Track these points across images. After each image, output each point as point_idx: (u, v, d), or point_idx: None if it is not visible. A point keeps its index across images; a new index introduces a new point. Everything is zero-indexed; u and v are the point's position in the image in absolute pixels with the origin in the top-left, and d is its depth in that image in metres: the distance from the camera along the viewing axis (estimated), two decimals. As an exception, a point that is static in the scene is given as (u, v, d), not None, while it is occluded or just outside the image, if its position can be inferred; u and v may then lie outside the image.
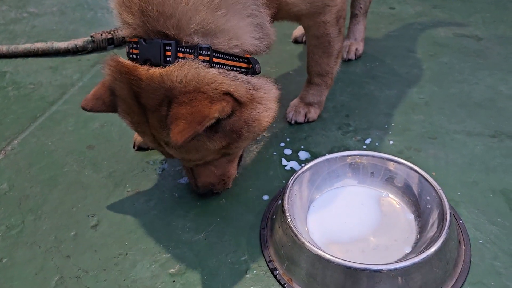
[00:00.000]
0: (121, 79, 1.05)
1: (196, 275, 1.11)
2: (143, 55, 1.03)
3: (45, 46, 2.28)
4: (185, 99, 0.98)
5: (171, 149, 1.12)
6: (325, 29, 1.44)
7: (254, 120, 1.11)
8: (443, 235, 1.02)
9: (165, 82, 0.99)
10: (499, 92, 1.75)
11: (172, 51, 1.00)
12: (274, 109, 1.16)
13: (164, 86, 0.99)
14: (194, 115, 0.96)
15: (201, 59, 1.01)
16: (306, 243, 1.03)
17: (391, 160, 1.27)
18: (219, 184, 1.30)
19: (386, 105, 1.72)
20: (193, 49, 1.01)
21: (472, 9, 2.52)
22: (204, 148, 1.11)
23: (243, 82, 1.08)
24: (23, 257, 1.19)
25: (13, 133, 1.71)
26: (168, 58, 1.01)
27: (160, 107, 1.02)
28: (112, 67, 1.07)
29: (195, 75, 0.99)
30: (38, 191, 1.41)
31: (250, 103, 1.09)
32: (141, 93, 1.02)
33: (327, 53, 1.52)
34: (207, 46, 1.02)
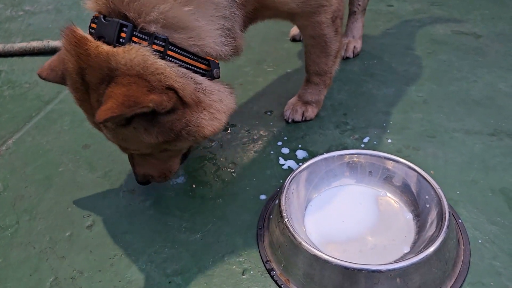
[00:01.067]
0: (71, 51, 1.02)
1: (193, 275, 1.10)
2: (99, 31, 1.01)
3: (41, 45, 2.27)
4: (124, 81, 0.96)
5: (108, 132, 1.10)
6: (320, 30, 1.41)
7: (195, 125, 1.08)
8: (442, 234, 1.01)
9: (111, 61, 0.97)
10: (498, 90, 1.74)
11: (127, 33, 0.98)
12: (221, 120, 1.12)
13: (109, 65, 0.97)
14: (126, 97, 0.94)
15: (154, 48, 0.99)
16: (303, 243, 1.02)
17: (389, 159, 1.25)
18: (158, 176, 1.27)
19: (384, 103, 1.71)
20: (148, 36, 0.99)
21: (471, 6, 2.50)
22: (140, 140, 1.08)
23: (192, 83, 1.05)
24: (17, 258, 1.18)
25: (8, 132, 1.69)
26: (122, 40, 0.99)
27: (100, 85, 1.00)
28: (65, 37, 1.04)
29: (141, 61, 0.97)
30: (33, 191, 1.40)
31: (195, 105, 1.06)
32: (86, 68, 1.00)
33: (325, 53, 1.50)
34: (163, 37, 1.00)
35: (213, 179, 1.40)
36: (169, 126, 1.05)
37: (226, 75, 1.96)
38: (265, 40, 2.27)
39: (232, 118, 1.65)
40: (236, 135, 1.59)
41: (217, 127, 1.12)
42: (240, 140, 1.56)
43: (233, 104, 1.16)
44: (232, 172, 1.42)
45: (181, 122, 1.06)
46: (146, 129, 1.05)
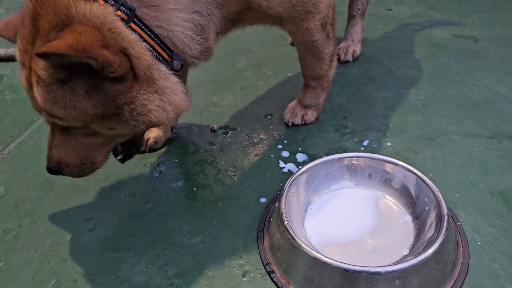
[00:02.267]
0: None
1: (193, 278, 1.11)
2: None
3: (42, 49, 2.27)
4: (79, 29, 0.90)
5: (40, 90, 0.98)
6: (310, 36, 1.39)
7: (141, 105, 0.99)
8: (441, 237, 1.02)
9: (70, 8, 0.92)
10: (496, 93, 1.75)
11: None
12: (168, 114, 1.03)
13: (67, 12, 0.92)
14: (77, 42, 0.86)
15: (118, 14, 0.95)
16: (303, 246, 1.03)
17: (388, 162, 1.26)
18: (75, 166, 1.12)
19: (384, 106, 1.72)
20: (115, 1, 0.95)
21: (469, 10, 2.52)
22: (74, 105, 0.97)
23: (149, 57, 0.98)
24: (19, 261, 1.19)
25: (10, 136, 1.70)
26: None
27: (52, 30, 0.93)
28: None
29: (101, 15, 0.92)
30: (34, 195, 1.41)
31: (146, 83, 0.99)
32: (41, 13, 0.93)
33: (318, 58, 1.49)
34: (130, 6, 0.96)
35: (214, 182, 1.41)
36: (112, 96, 0.97)
37: (227, 79, 1.98)
38: (264, 44, 2.28)
39: (233, 121, 1.67)
40: (236, 139, 1.60)
41: (164, 118, 1.03)
42: (240, 144, 1.57)
43: (185, 105, 1.08)
44: (233, 175, 1.43)
45: (126, 96, 0.97)
46: (86, 93, 0.96)
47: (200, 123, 1.69)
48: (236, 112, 1.73)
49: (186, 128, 1.65)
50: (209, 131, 1.64)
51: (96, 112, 0.98)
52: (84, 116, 0.99)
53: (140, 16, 0.98)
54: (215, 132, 1.63)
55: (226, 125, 1.67)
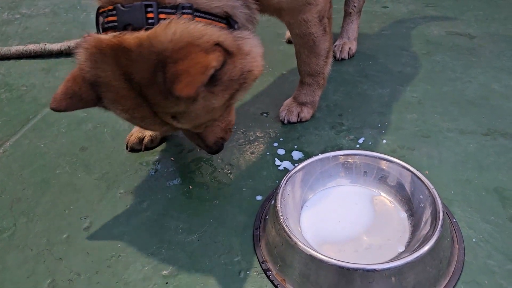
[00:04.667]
0: (105, 60, 0.97)
1: (189, 276, 1.11)
2: (123, 20, 0.97)
3: (38, 48, 2.27)
4: (179, 55, 0.93)
5: (180, 122, 1.09)
6: (307, 28, 1.41)
7: (248, 70, 1.08)
8: (436, 233, 1.02)
9: (154, 45, 0.93)
10: (492, 90, 1.76)
11: (154, 12, 0.96)
12: (261, 61, 1.12)
13: (154, 50, 0.93)
14: (194, 67, 0.91)
15: (185, 18, 0.97)
16: (299, 243, 1.03)
17: (383, 159, 1.26)
18: (226, 134, 1.30)
19: (379, 104, 1.72)
20: (175, 8, 0.98)
21: (465, 7, 2.52)
22: (212, 107, 1.08)
23: (229, 33, 1.05)
24: (14, 260, 1.19)
25: (5, 135, 1.70)
26: (151, 20, 0.96)
27: (155, 75, 0.95)
28: (89, 50, 0.98)
29: (185, 30, 0.95)
30: (30, 194, 1.40)
31: (239, 53, 1.05)
32: (132, 66, 0.96)
33: (315, 53, 1.50)
34: (189, 5, 0.99)
35: (210, 180, 1.41)
36: (228, 79, 1.04)
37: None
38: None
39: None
40: (232, 137, 1.60)
41: (262, 67, 1.12)
42: (236, 142, 1.57)
43: (261, 46, 1.15)
44: (229, 173, 1.43)
45: (235, 70, 1.05)
46: (212, 93, 1.04)
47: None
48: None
49: (182, 127, 1.65)
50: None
51: (226, 98, 1.08)
52: (220, 108, 1.12)
53: (198, 8, 1.01)
54: None
55: (222, 123, 1.66)
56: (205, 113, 1.10)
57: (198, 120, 1.12)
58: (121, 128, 1.68)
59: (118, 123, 1.71)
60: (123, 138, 1.60)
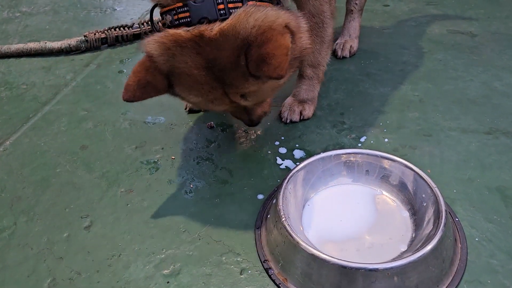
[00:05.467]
0: (185, 52, 1.08)
1: (191, 276, 1.10)
2: (197, 14, 1.07)
3: (38, 46, 2.26)
4: (263, 39, 1.04)
5: (247, 100, 1.20)
6: (320, 5, 1.46)
7: (305, 47, 1.19)
8: (439, 233, 1.02)
9: (239, 31, 1.05)
10: (493, 88, 1.75)
11: (225, 4, 1.07)
12: (308, 37, 1.22)
13: (239, 36, 1.05)
14: (279, 48, 1.03)
15: (250, 4, 1.08)
16: (301, 243, 1.03)
17: (386, 158, 1.26)
18: (268, 109, 1.41)
19: (381, 102, 1.71)
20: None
21: (466, 6, 2.51)
22: (278, 85, 1.22)
23: (289, 15, 1.14)
24: (15, 259, 1.18)
25: (5, 133, 1.69)
26: (222, 11, 1.07)
27: (238, 59, 1.07)
28: (167, 44, 1.08)
29: (264, 17, 1.06)
30: (30, 192, 1.40)
31: (298, 32, 1.16)
32: (217, 53, 1.07)
33: (320, 37, 1.53)
34: None
35: (211, 179, 1.40)
36: (293, 57, 1.15)
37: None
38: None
39: (229, 118, 1.66)
40: (233, 135, 1.59)
41: (311, 41, 1.26)
42: (237, 140, 1.56)
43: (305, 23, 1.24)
44: (230, 172, 1.42)
45: (297, 48, 1.16)
46: None
47: (197, 120, 1.69)
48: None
49: (183, 125, 1.65)
50: (206, 128, 1.63)
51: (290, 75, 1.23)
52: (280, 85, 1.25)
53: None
54: (212, 128, 1.63)
55: (223, 122, 1.66)
56: (271, 91, 1.25)
57: (263, 97, 1.26)
58: (121, 127, 1.67)
59: (118, 121, 1.71)
60: (124, 136, 1.61)
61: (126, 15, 2.75)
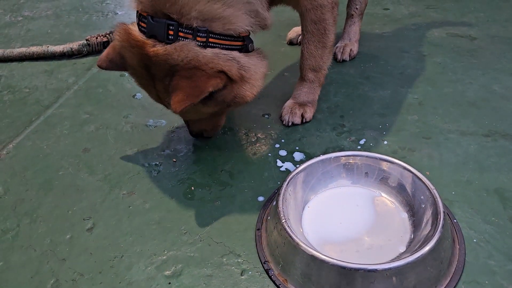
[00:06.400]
0: (131, 50, 1.23)
1: (192, 277, 1.12)
2: (150, 31, 1.19)
3: (40, 50, 2.28)
4: (186, 74, 1.17)
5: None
6: (321, 13, 1.49)
7: (241, 96, 1.31)
8: (437, 234, 1.03)
9: (168, 60, 1.17)
10: (492, 91, 1.76)
11: (174, 31, 1.17)
12: (259, 86, 1.34)
13: (168, 63, 1.17)
14: (192, 88, 1.15)
15: (199, 40, 1.18)
16: (301, 244, 1.04)
17: (385, 160, 1.27)
18: (211, 130, 1.53)
19: (380, 105, 1.73)
20: (192, 30, 1.17)
21: (466, 9, 2.53)
22: (200, 112, 1.33)
23: (235, 63, 1.25)
24: (18, 261, 1.19)
25: (8, 137, 1.71)
26: (171, 37, 1.17)
27: (165, 77, 1.20)
28: (121, 36, 1.25)
29: (195, 56, 1.17)
30: (33, 195, 1.41)
31: (240, 81, 1.27)
32: (151, 65, 1.21)
33: (322, 43, 1.55)
34: (204, 29, 1.18)
35: (212, 181, 1.41)
36: (222, 100, 1.28)
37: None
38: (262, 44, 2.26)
39: (230, 121, 1.68)
40: (234, 138, 1.61)
41: (256, 92, 1.34)
42: (238, 143, 1.58)
43: (266, 68, 1.37)
44: (230, 175, 1.44)
45: (230, 95, 1.29)
46: (204, 104, 1.27)
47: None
48: (233, 112, 1.73)
49: (184, 128, 1.66)
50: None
51: (215, 110, 1.34)
52: (209, 113, 1.36)
53: (212, 30, 1.20)
54: None
55: (224, 125, 1.67)
56: (194, 113, 1.37)
57: (186, 115, 1.42)
58: (123, 130, 1.69)
59: (120, 124, 1.72)
60: (125, 139, 1.62)
61: (127, 19, 2.76)
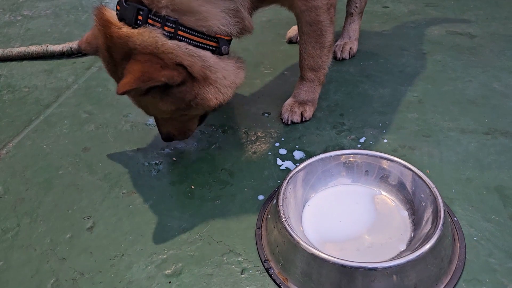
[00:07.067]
0: (100, 30, 1.20)
1: (192, 276, 1.12)
2: (121, 14, 1.18)
3: (40, 49, 2.28)
4: (141, 58, 1.13)
5: (132, 99, 1.30)
6: (316, 15, 1.47)
7: (202, 98, 1.25)
8: (437, 232, 1.03)
9: (128, 42, 1.14)
10: (492, 89, 1.76)
11: (144, 16, 1.15)
12: (226, 94, 1.28)
13: (127, 46, 1.15)
14: (142, 73, 1.10)
15: (166, 30, 1.15)
16: (301, 242, 1.04)
17: (385, 159, 1.27)
18: (179, 134, 1.45)
19: (380, 103, 1.72)
20: (161, 19, 1.14)
21: (465, 7, 2.53)
22: (158, 106, 1.26)
23: (200, 61, 1.20)
24: (18, 260, 1.19)
25: (8, 136, 1.71)
26: (139, 22, 1.15)
27: (123, 61, 1.17)
28: (96, 17, 1.22)
29: (153, 42, 1.13)
30: (33, 194, 1.41)
31: (202, 80, 1.22)
32: (112, 47, 1.18)
33: (320, 44, 1.54)
34: (174, 19, 1.15)
35: (212, 180, 1.41)
36: (180, 96, 1.23)
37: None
38: (262, 43, 2.29)
39: (230, 119, 1.68)
40: (234, 137, 1.61)
41: (222, 100, 1.29)
42: (238, 142, 1.58)
43: (239, 79, 1.32)
44: (230, 173, 1.44)
45: (190, 94, 1.23)
46: (161, 98, 1.23)
47: (197, 122, 1.70)
48: (233, 111, 1.73)
49: (183, 127, 1.66)
50: (206, 129, 1.64)
51: (172, 108, 1.27)
52: (167, 111, 1.28)
53: (183, 23, 1.17)
54: None
55: (224, 123, 1.67)
56: (152, 109, 1.31)
57: (145, 109, 1.34)
58: (123, 129, 1.69)
59: (120, 123, 1.72)
60: (125, 138, 1.62)
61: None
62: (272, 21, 2.53)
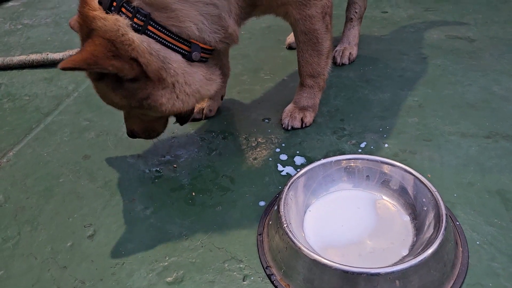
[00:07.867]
0: (78, 9, 1.18)
1: (194, 283, 1.11)
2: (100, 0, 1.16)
3: (40, 58, 2.29)
4: (97, 41, 1.10)
5: (91, 82, 1.26)
6: (311, 24, 1.46)
7: (155, 100, 1.20)
8: (440, 236, 1.02)
9: (92, 23, 1.12)
10: (492, 92, 1.76)
11: (117, 3, 1.12)
12: (185, 102, 1.23)
13: (91, 25, 1.12)
14: (91, 55, 1.07)
15: (135, 22, 1.12)
16: (303, 248, 1.03)
17: (386, 163, 1.27)
18: (142, 133, 1.42)
19: (380, 108, 1.72)
20: (133, 9, 1.12)
21: (464, 11, 2.53)
22: (110, 97, 1.23)
23: (159, 61, 1.16)
24: (19, 269, 1.19)
25: (9, 144, 1.71)
26: (113, 8, 1.12)
27: (85, 39, 1.15)
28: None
29: (114, 29, 1.10)
30: (34, 202, 1.41)
31: (157, 82, 1.18)
32: (82, 25, 1.16)
33: (317, 51, 1.53)
34: (145, 13, 1.12)
35: (213, 186, 1.41)
36: (132, 92, 1.19)
37: (224, 83, 1.97)
38: (261, 49, 2.29)
39: (231, 126, 1.68)
40: (234, 143, 1.61)
41: (180, 107, 1.24)
42: (238, 148, 1.58)
43: (206, 90, 1.27)
44: (231, 180, 1.43)
45: (142, 93, 1.19)
46: (113, 89, 1.20)
47: (198, 129, 1.70)
48: (233, 117, 1.73)
49: (184, 134, 1.66)
50: (206, 136, 1.64)
51: (124, 103, 1.23)
52: (120, 104, 1.25)
53: (154, 19, 1.13)
54: None
55: (224, 130, 1.67)
56: (105, 98, 1.27)
57: (102, 97, 1.28)
58: (123, 136, 1.68)
59: (120, 131, 1.72)
60: (125, 145, 1.62)
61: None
62: (272, 27, 2.54)
